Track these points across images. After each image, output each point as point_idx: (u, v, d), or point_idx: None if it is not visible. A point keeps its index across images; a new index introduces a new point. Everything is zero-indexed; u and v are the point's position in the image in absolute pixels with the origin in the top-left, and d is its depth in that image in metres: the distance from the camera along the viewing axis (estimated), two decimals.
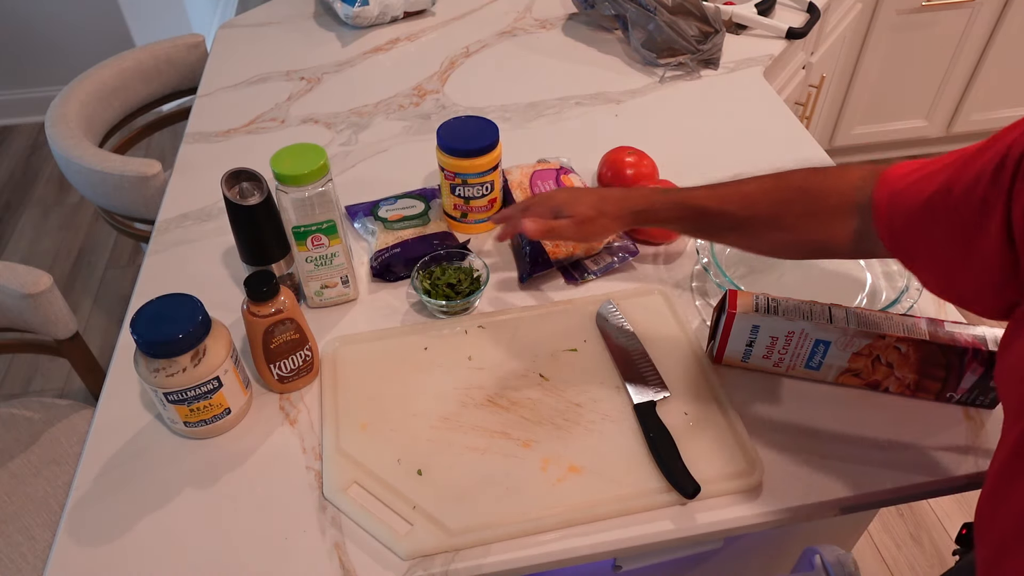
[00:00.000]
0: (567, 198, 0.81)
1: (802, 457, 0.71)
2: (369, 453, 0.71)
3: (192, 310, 0.68)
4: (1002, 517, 0.48)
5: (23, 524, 0.97)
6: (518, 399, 0.76)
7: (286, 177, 0.76)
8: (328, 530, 0.67)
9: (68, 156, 1.23)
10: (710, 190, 0.73)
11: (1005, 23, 2.04)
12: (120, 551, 0.66)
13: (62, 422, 1.09)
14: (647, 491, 0.68)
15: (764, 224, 0.69)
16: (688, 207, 0.74)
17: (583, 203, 0.79)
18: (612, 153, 1.02)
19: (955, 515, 1.55)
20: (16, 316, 1.05)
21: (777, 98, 1.22)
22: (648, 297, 0.87)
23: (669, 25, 1.26)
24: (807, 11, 1.42)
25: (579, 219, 0.78)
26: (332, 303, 0.88)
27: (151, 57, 1.45)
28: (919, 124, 2.28)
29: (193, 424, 0.72)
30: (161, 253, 0.97)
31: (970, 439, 0.72)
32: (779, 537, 0.90)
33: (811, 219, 0.66)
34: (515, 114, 1.21)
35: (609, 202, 0.79)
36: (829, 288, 0.88)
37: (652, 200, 0.77)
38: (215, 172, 0.82)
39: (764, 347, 0.76)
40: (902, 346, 0.71)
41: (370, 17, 1.44)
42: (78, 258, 2.22)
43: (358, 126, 1.20)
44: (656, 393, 0.75)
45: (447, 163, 0.91)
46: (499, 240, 0.89)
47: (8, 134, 2.73)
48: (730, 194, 0.71)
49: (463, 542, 0.65)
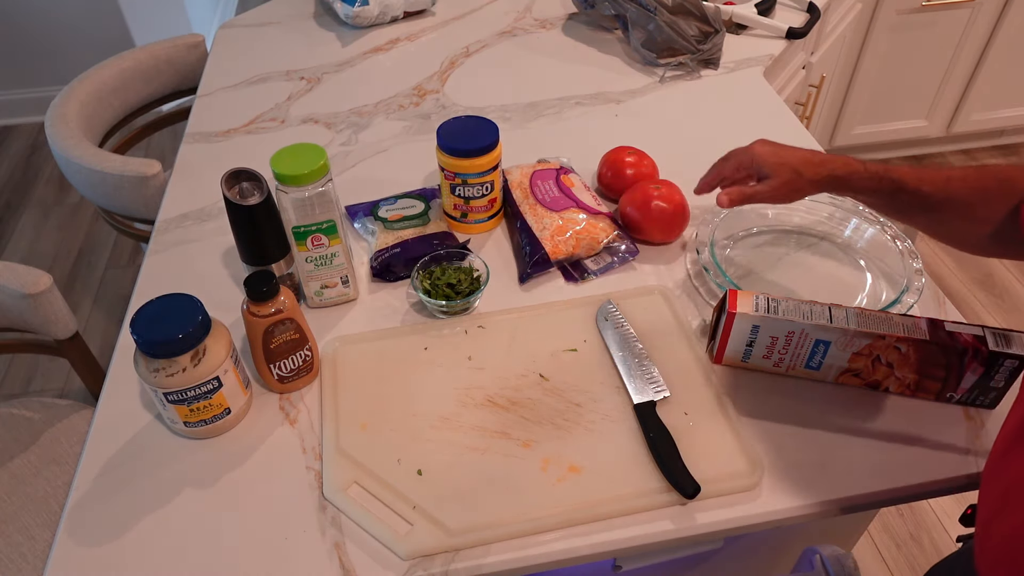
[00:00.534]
0: (770, 156, 0.79)
1: (802, 457, 0.71)
2: (369, 453, 0.71)
3: (192, 310, 0.68)
4: (1011, 469, 0.50)
5: (23, 524, 0.97)
6: (518, 399, 0.76)
7: (286, 177, 0.76)
8: (328, 530, 0.67)
9: (68, 156, 1.23)
10: (911, 168, 0.73)
11: (1005, 23, 2.04)
12: (120, 551, 0.66)
13: (62, 422, 1.09)
14: (647, 491, 0.68)
15: (958, 211, 0.69)
16: (887, 180, 0.73)
17: (786, 165, 0.78)
18: (612, 153, 1.02)
19: (955, 515, 1.55)
20: (16, 316, 1.05)
21: (777, 98, 1.22)
22: (648, 297, 0.87)
23: (669, 25, 1.26)
24: (807, 11, 1.42)
25: (779, 182, 0.78)
26: (332, 303, 0.88)
27: (151, 57, 1.45)
28: (919, 124, 2.28)
29: (193, 424, 0.72)
30: (161, 253, 0.97)
31: (970, 439, 0.72)
32: (779, 537, 0.90)
33: (1006, 212, 0.65)
34: (515, 114, 1.21)
35: (810, 165, 0.77)
36: (829, 288, 0.88)
37: (852, 168, 0.75)
38: (215, 172, 0.82)
39: (764, 347, 0.76)
40: (902, 346, 0.71)
41: (370, 17, 1.44)
42: (78, 258, 2.22)
43: (358, 126, 1.20)
44: (656, 393, 0.75)
45: (447, 163, 0.91)
46: (696, 193, 0.88)
47: (8, 134, 2.73)
48: (930, 175, 0.71)
49: (463, 542, 0.65)
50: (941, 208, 0.70)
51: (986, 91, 2.20)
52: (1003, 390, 0.73)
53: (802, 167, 0.77)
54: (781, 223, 0.96)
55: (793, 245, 0.94)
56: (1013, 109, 2.28)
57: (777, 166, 0.78)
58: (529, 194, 0.96)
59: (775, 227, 0.96)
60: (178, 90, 1.52)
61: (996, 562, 0.52)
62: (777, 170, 0.78)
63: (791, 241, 0.95)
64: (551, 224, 0.91)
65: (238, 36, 1.47)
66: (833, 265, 0.91)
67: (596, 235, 0.91)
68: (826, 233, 0.95)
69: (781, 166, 0.78)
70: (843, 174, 0.76)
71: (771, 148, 0.80)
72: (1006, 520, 0.50)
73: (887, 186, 0.73)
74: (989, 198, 0.67)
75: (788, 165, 0.78)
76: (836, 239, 0.94)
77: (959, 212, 0.69)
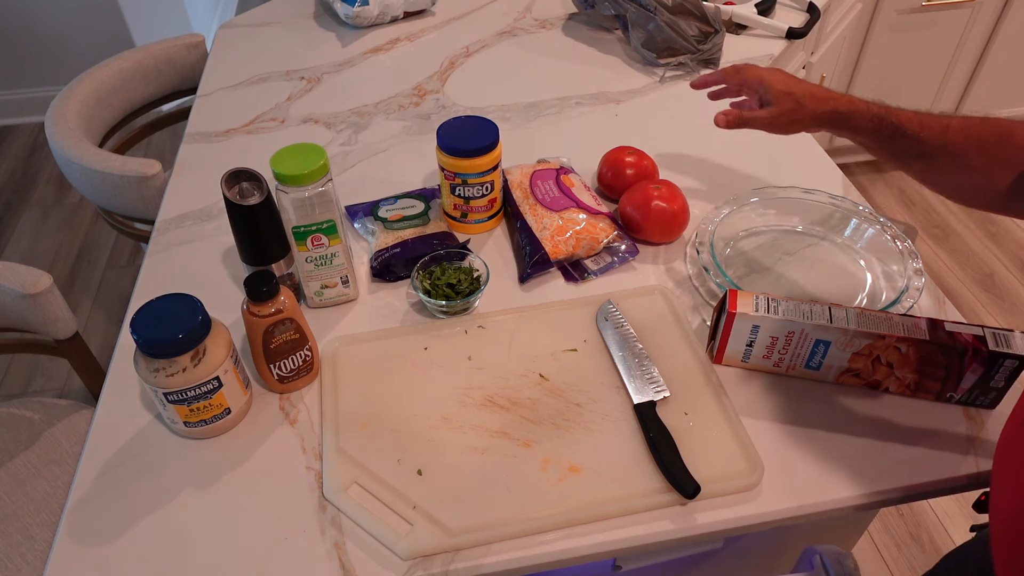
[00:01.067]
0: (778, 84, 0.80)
1: (802, 457, 0.71)
2: (369, 453, 0.71)
3: (192, 310, 0.68)
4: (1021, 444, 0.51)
5: (23, 524, 0.97)
6: (518, 399, 0.76)
7: (286, 177, 0.76)
8: (328, 530, 0.67)
9: (68, 156, 1.23)
10: (913, 113, 0.73)
11: (1005, 23, 2.04)
12: (120, 551, 0.66)
13: (62, 422, 1.09)
14: (647, 491, 0.68)
15: (954, 159, 0.69)
16: (887, 122, 0.73)
17: (791, 95, 0.79)
18: (612, 153, 1.02)
19: (955, 515, 1.55)
20: (16, 316, 1.05)
21: None
22: (648, 297, 0.87)
23: (669, 25, 1.26)
24: (807, 11, 1.42)
25: (780, 110, 0.79)
26: (332, 303, 0.88)
27: (151, 57, 1.45)
28: None
29: (193, 424, 0.72)
30: (161, 253, 0.97)
31: (970, 439, 0.72)
32: (779, 537, 0.90)
33: (1001, 166, 0.65)
34: (515, 114, 1.21)
35: (814, 99, 0.78)
36: (829, 288, 0.88)
37: (856, 106, 0.76)
38: (215, 172, 0.83)
39: (764, 347, 0.76)
40: (902, 346, 0.71)
41: (370, 17, 1.44)
42: (78, 258, 2.22)
43: (358, 126, 1.20)
44: (656, 393, 0.75)
45: (447, 163, 0.91)
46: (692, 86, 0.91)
47: (8, 134, 2.73)
48: (930, 121, 0.71)
49: (463, 542, 0.65)
50: (937, 155, 0.70)
51: (986, 91, 2.20)
52: (1003, 390, 0.73)
53: (806, 99, 0.78)
54: (781, 223, 0.96)
55: (793, 245, 0.94)
56: (1013, 109, 2.28)
57: (782, 94, 0.79)
58: (529, 194, 0.96)
59: (775, 227, 0.96)
60: (178, 90, 1.52)
61: (1005, 535, 0.52)
62: (781, 98, 0.79)
63: (791, 241, 0.95)
64: (551, 224, 0.91)
65: (238, 36, 1.47)
66: (833, 265, 0.91)
67: (596, 235, 0.91)
68: (826, 233, 0.95)
69: (786, 95, 0.79)
70: (846, 111, 0.76)
71: (782, 76, 0.81)
72: (1015, 492, 0.50)
73: (887, 129, 0.73)
74: (984, 148, 0.67)
75: (793, 95, 0.79)
76: (836, 239, 0.94)
77: (957, 160, 0.69)
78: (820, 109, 0.77)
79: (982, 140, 0.67)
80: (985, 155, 0.67)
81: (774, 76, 0.81)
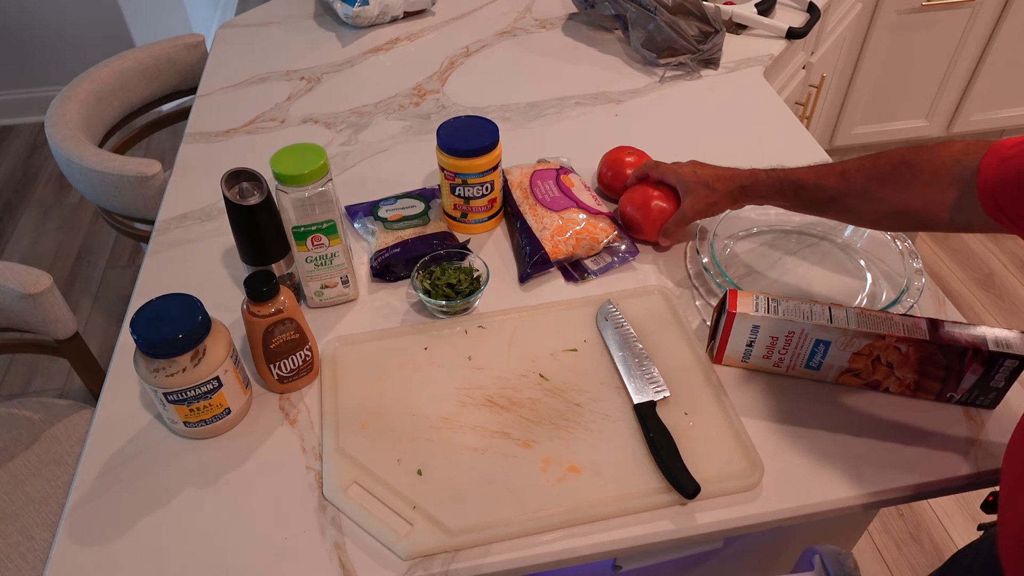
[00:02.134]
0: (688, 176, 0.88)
1: (802, 457, 0.71)
2: (369, 453, 0.71)
3: (192, 310, 0.68)
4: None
5: (23, 524, 0.97)
6: (518, 399, 0.76)
7: (286, 177, 0.76)
8: (328, 530, 0.67)
9: (68, 156, 1.23)
10: (809, 168, 0.79)
11: (1005, 23, 2.04)
12: (120, 551, 0.66)
13: (62, 422, 1.09)
14: (647, 491, 0.68)
15: (859, 197, 0.74)
16: (787, 182, 0.80)
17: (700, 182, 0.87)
18: (612, 153, 1.02)
19: (955, 515, 1.55)
20: (16, 316, 1.05)
21: (777, 98, 1.22)
22: (648, 297, 0.87)
23: (669, 25, 1.26)
24: (807, 11, 1.42)
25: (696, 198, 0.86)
26: (332, 303, 0.88)
27: (151, 57, 1.45)
28: (919, 124, 2.28)
29: (193, 424, 0.72)
30: (161, 253, 0.97)
31: (970, 439, 0.72)
32: (779, 537, 0.90)
33: (905, 193, 0.70)
34: (515, 114, 1.21)
35: (721, 180, 0.86)
36: (829, 288, 0.88)
37: (757, 177, 0.83)
38: (215, 172, 0.83)
39: (764, 347, 0.76)
40: (902, 346, 0.71)
41: (370, 17, 1.44)
42: (78, 258, 2.22)
43: (358, 126, 1.20)
44: (656, 393, 0.75)
45: (447, 163, 0.91)
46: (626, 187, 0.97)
47: (8, 134, 2.73)
48: (827, 171, 0.77)
49: (463, 542, 0.65)
50: (846, 197, 0.75)
51: (986, 91, 2.20)
52: (1003, 390, 0.73)
53: (714, 182, 0.86)
54: (781, 223, 0.96)
55: (793, 245, 0.94)
56: (1013, 109, 2.28)
57: (694, 184, 0.87)
58: (529, 194, 0.96)
59: (775, 227, 0.96)
60: (178, 90, 1.52)
61: (1017, 541, 0.52)
62: (693, 187, 0.87)
63: (791, 241, 0.95)
64: (551, 224, 0.91)
65: (238, 36, 1.47)
66: (833, 265, 0.91)
67: (596, 235, 0.91)
68: (826, 233, 0.95)
69: (697, 184, 0.87)
70: (748, 183, 0.84)
71: (691, 168, 0.89)
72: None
73: (789, 188, 0.80)
74: (886, 182, 0.71)
75: (702, 181, 0.87)
76: (836, 239, 0.94)
77: (863, 197, 0.74)
78: (728, 187, 0.85)
79: (882, 175, 0.72)
80: (889, 187, 0.71)
81: (684, 169, 0.89)
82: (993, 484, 0.71)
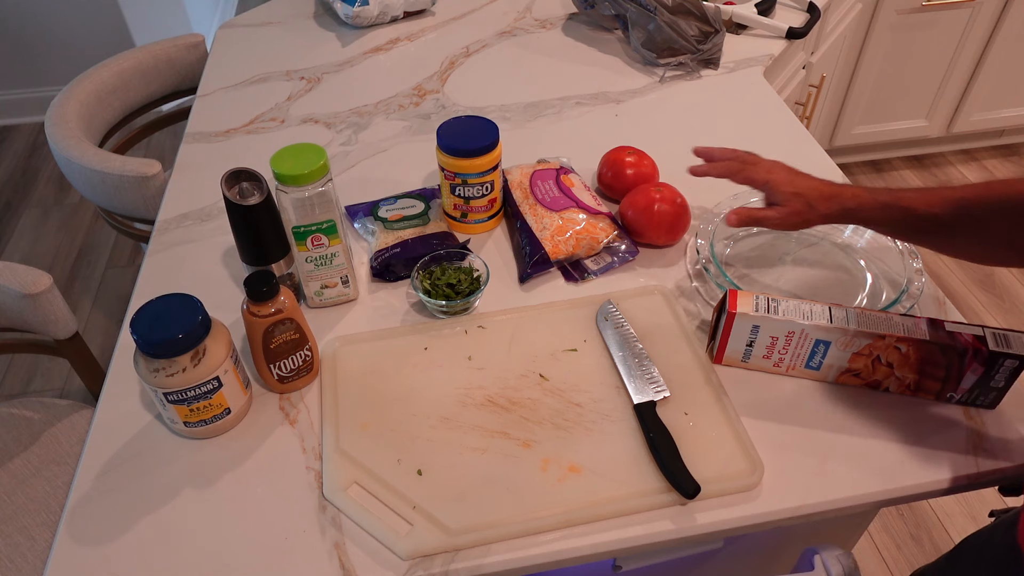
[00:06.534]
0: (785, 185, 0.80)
1: (802, 457, 0.71)
2: (369, 453, 0.71)
3: (192, 310, 0.68)
4: None
5: (23, 524, 0.97)
6: (518, 399, 0.76)
7: (286, 177, 0.76)
8: (328, 530, 0.67)
9: (68, 156, 1.23)
10: (918, 192, 0.73)
11: (1005, 23, 2.04)
12: (120, 551, 0.66)
13: (62, 422, 1.09)
14: (647, 491, 0.68)
15: (970, 230, 0.69)
16: (896, 208, 0.73)
17: (799, 196, 0.79)
18: (612, 153, 1.02)
19: (955, 515, 1.55)
20: (16, 316, 1.05)
21: (777, 98, 1.22)
22: (648, 297, 0.87)
23: (669, 25, 1.26)
24: (807, 11, 1.42)
25: (790, 211, 0.79)
26: (332, 303, 0.88)
27: (151, 57, 1.45)
28: (919, 124, 2.28)
29: (193, 424, 0.72)
30: (161, 253, 0.97)
31: (970, 439, 0.72)
32: (779, 537, 0.90)
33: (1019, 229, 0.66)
34: (515, 114, 1.21)
35: (823, 199, 0.78)
36: (829, 288, 0.88)
37: (861, 199, 0.76)
38: (215, 172, 0.83)
39: (764, 347, 0.76)
40: (902, 346, 0.71)
41: (370, 17, 1.44)
42: (78, 258, 2.22)
43: (358, 126, 1.20)
44: (656, 393, 0.75)
45: (447, 163, 0.91)
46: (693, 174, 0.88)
47: (8, 134, 2.73)
48: (939, 195, 0.71)
49: (463, 542, 0.65)
50: (956, 228, 0.70)
51: (986, 91, 2.20)
52: (1003, 390, 0.73)
53: (815, 200, 0.78)
54: None
55: (793, 245, 0.94)
56: (1013, 109, 2.28)
57: (791, 196, 0.79)
58: (529, 194, 0.96)
59: None
60: (178, 90, 1.52)
61: None
62: (791, 199, 0.79)
63: (791, 241, 0.95)
64: (551, 224, 0.91)
65: (238, 36, 1.47)
66: (833, 265, 0.91)
67: (596, 235, 0.91)
68: (826, 233, 0.95)
69: (795, 196, 0.79)
70: (853, 206, 0.76)
71: (786, 176, 0.81)
72: None
73: (898, 214, 0.73)
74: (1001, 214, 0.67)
75: (802, 197, 0.79)
76: (836, 239, 0.94)
77: (974, 229, 0.69)
78: (830, 209, 0.78)
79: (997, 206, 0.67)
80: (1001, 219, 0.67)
81: (779, 177, 0.81)
82: (993, 484, 0.71)
